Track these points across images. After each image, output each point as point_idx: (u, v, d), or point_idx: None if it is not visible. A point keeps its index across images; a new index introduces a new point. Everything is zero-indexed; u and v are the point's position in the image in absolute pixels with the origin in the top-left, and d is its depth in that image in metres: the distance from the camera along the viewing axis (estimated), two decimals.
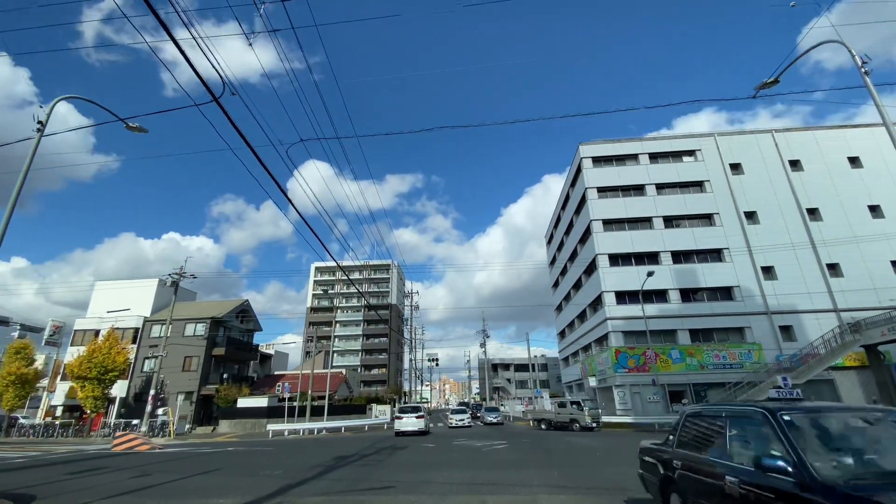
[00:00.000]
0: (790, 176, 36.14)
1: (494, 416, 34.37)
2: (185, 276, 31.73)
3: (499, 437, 18.70)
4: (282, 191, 7.65)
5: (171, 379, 34.10)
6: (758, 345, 31.50)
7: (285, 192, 7.86)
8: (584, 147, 39.12)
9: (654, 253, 34.97)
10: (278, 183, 7.38)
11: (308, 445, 17.86)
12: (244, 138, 6.21)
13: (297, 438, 25.26)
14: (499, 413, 35.89)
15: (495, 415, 34.68)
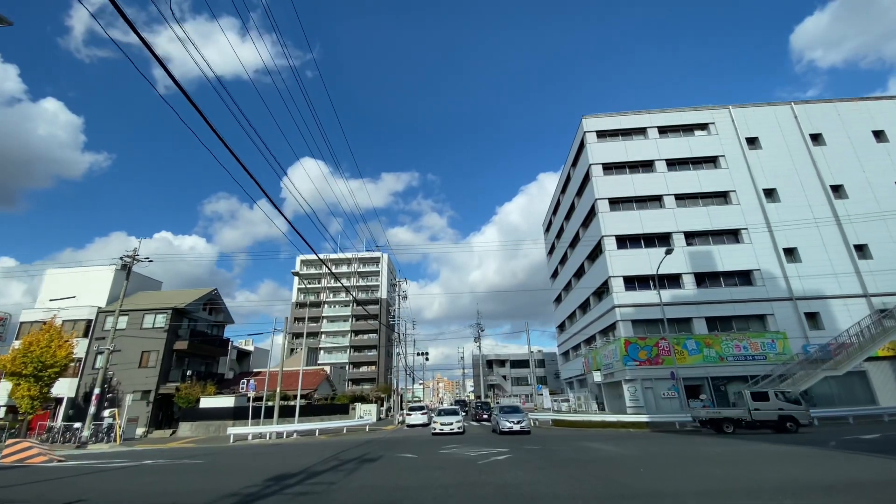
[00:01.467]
0: (811, 150, 33.12)
1: (516, 419, 20.25)
2: (140, 259, 27.87)
3: (496, 443, 15.21)
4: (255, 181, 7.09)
5: (126, 376, 30.22)
6: (782, 333, 28.37)
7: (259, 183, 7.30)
8: (587, 120, 35.77)
9: (665, 234, 31.71)
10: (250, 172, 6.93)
11: (256, 455, 14.24)
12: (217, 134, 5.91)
13: (261, 444, 21.67)
14: (523, 415, 21.26)
15: (517, 417, 20.42)
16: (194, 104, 5.71)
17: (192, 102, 5.69)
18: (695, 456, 10.15)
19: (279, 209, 8.37)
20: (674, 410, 26.98)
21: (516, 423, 19.94)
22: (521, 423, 20.02)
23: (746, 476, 7.22)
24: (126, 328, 31.62)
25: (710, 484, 6.88)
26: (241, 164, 6.89)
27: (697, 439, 15.25)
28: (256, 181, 7.16)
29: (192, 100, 5.64)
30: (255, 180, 7.11)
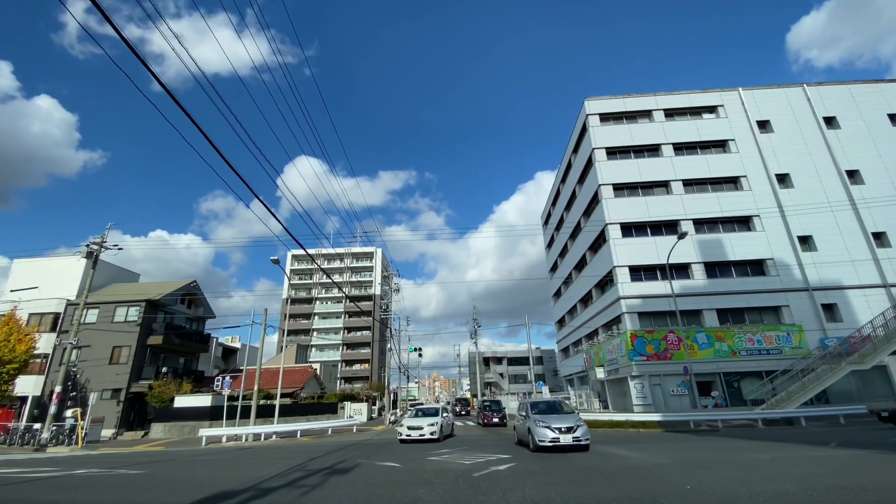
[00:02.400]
0: (826, 134, 31.41)
1: (565, 423, 11.43)
2: (108, 247, 25.69)
3: (496, 447, 13.26)
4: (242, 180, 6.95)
5: (95, 373, 28.03)
6: (798, 326, 26.63)
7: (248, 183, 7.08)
8: (589, 102, 33.86)
9: (673, 221, 29.90)
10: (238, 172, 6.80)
11: (213, 462, 12.23)
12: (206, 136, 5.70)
13: (235, 447, 19.63)
14: (575, 418, 12.11)
15: (567, 422, 11.56)
16: (180, 105, 5.40)
17: (179, 103, 5.37)
18: (742, 463, 8.26)
19: (266, 205, 7.89)
20: (684, 408, 25.20)
21: (566, 430, 11.03)
22: (574, 431, 11.09)
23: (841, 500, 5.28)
24: (96, 322, 29.42)
25: None
26: (229, 164, 6.58)
27: (727, 442, 13.38)
28: (244, 180, 7.00)
29: (178, 101, 5.34)
30: (242, 179, 6.93)
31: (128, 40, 4.80)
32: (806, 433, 16.04)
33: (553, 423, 11.26)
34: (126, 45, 4.79)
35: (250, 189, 7.25)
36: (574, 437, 10.92)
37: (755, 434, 16.42)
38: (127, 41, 4.77)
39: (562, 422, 11.39)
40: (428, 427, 15.54)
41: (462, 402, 52.04)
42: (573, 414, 12.67)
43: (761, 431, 17.57)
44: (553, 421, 11.48)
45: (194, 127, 5.63)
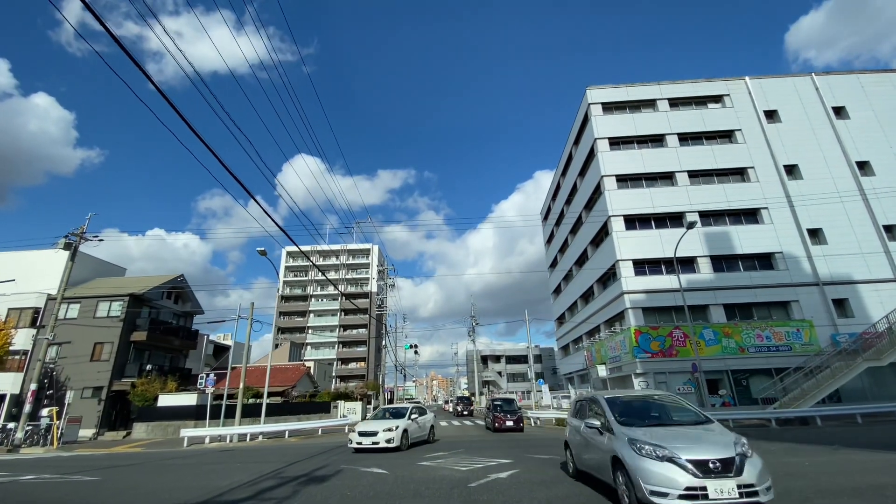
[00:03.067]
0: (835, 124, 30.40)
1: (721, 456, 4.81)
2: (88, 238, 24.43)
3: (494, 449, 12.17)
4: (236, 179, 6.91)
5: (76, 371, 26.81)
6: (808, 322, 25.64)
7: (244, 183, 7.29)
8: (592, 91, 32.76)
9: (678, 213, 28.87)
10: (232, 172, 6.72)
11: (182, 467, 11.11)
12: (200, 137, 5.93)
13: (219, 448, 18.50)
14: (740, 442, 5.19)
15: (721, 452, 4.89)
16: (176, 109, 5.37)
17: (174, 107, 5.34)
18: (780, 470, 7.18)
19: (262, 205, 8.19)
20: None
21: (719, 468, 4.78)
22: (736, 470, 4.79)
23: None
24: (77, 317, 28.20)
25: None
26: (226, 167, 6.59)
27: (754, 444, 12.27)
28: (240, 181, 7.05)
29: (173, 104, 5.30)
30: (238, 181, 7.05)
31: (122, 43, 4.67)
32: (827, 433, 15.01)
33: (685, 453, 4.97)
34: (120, 47, 4.63)
35: (246, 190, 7.37)
36: (741, 486, 4.71)
37: (772, 434, 15.38)
38: (121, 44, 4.62)
39: (704, 449, 5.06)
40: (384, 433, 12.38)
41: (463, 400, 43.27)
42: (718, 428, 5.92)
43: (777, 432, 16.55)
44: (682, 445, 5.14)
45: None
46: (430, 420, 15.51)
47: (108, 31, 4.49)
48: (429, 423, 15.28)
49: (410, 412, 14.16)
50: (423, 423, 14.84)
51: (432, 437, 15.38)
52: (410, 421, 13.75)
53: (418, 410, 15.06)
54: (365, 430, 12.82)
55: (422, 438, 14.53)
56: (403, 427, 12.97)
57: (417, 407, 15.43)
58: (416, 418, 14.25)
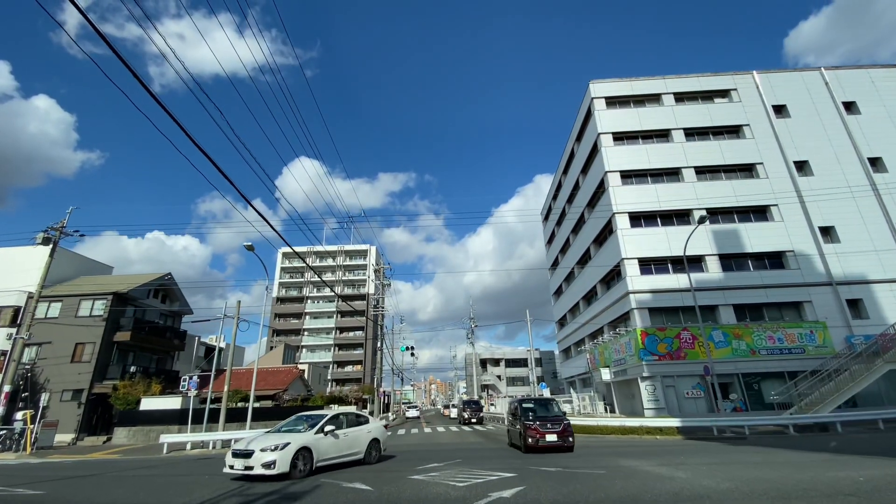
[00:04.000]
0: (846, 120, 29.48)
1: None
2: (68, 233, 23.31)
3: (496, 461, 11.01)
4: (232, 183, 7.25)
5: (56, 372, 25.59)
6: (821, 323, 24.56)
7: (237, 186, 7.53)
8: (595, 85, 31.81)
9: (685, 211, 27.84)
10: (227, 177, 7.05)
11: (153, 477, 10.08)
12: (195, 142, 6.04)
13: (200, 455, 17.36)
14: None
15: None
16: (173, 117, 5.51)
17: (171, 115, 5.46)
18: (834, 488, 6.10)
19: (259, 212, 8.53)
20: (700, 412, 23.09)
21: None
22: None
23: None
24: (59, 316, 27.00)
25: None
26: (223, 173, 6.85)
27: (774, 454, 11.23)
28: (238, 188, 7.37)
29: (170, 113, 5.41)
30: (236, 187, 7.33)
31: (121, 51, 4.89)
32: (854, 441, 13.90)
33: None
34: (118, 57, 4.75)
35: (242, 196, 7.50)
36: None
37: (794, 442, 14.25)
38: (119, 54, 4.74)
39: None
40: (261, 453, 8.62)
41: (471, 405, 33.08)
42: None
43: (797, 439, 15.41)
44: None
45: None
46: (370, 433, 11.28)
47: (106, 41, 4.45)
48: (367, 437, 11.09)
49: (325, 423, 10.09)
50: (353, 438, 10.69)
51: (374, 455, 11.18)
52: (321, 435, 9.75)
53: (346, 420, 11.03)
54: (240, 448, 8.99)
55: (349, 459, 10.45)
56: (298, 445, 9.02)
57: (349, 414, 11.60)
58: (334, 431, 10.16)
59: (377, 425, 11.90)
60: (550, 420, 12.75)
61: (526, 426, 12.56)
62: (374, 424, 11.85)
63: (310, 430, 9.79)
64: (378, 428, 11.81)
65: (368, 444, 11.06)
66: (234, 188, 7.36)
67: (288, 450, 8.77)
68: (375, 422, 12.14)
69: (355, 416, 11.76)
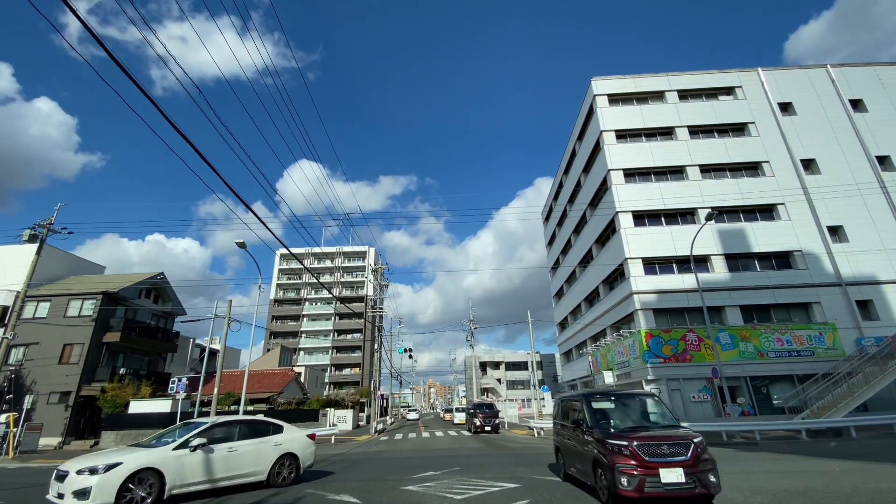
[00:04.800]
0: (853, 117, 28.90)
1: None
2: (56, 230, 22.61)
3: (496, 467, 10.32)
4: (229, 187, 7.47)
5: (43, 374, 24.85)
6: (831, 325, 23.88)
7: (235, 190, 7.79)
8: (597, 82, 31.26)
9: (689, 209, 27.19)
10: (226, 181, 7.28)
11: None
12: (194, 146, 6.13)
13: None
14: None
15: None
16: (172, 123, 5.64)
17: (171, 121, 5.61)
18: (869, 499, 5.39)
19: (257, 215, 9.15)
20: (706, 416, 22.38)
21: None
22: None
23: None
24: (47, 316, 26.29)
25: None
26: (222, 178, 7.04)
27: (792, 461, 10.56)
28: (236, 192, 7.67)
29: (170, 119, 5.58)
30: (234, 192, 7.60)
31: (121, 55, 5.28)
32: (873, 447, 13.20)
33: None
34: (117, 64, 4.81)
35: (241, 200, 7.87)
36: None
37: (809, 448, 13.54)
38: (118, 61, 4.80)
39: None
40: (75, 477, 6.50)
41: (484, 409, 26.42)
42: None
43: (811, 445, 14.72)
44: None
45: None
46: (279, 445, 8.77)
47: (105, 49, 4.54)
48: (272, 452, 8.62)
49: (194, 434, 7.69)
50: (247, 453, 8.23)
51: (286, 476, 8.69)
52: (184, 451, 7.36)
53: (238, 430, 8.52)
54: (64, 468, 6.80)
55: (239, 482, 8.04)
56: (137, 466, 6.76)
57: (246, 422, 9.00)
58: (206, 445, 7.67)
59: (294, 436, 9.27)
60: (665, 439, 6.18)
61: (611, 449, 6.20)
62: (290, 434, 9.20)
63: (167, 445, 7.39)
64: (296, 439, 9.20)
65: (276, 461, 8.56)
66: (232, 192, 7.40)
67: (115, 473, 6.38)
68: (293, 431, 9.45)
69: (256, 424, 9.14)
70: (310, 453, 9.36)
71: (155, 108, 5.33)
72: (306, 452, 9.22)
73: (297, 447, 9.06)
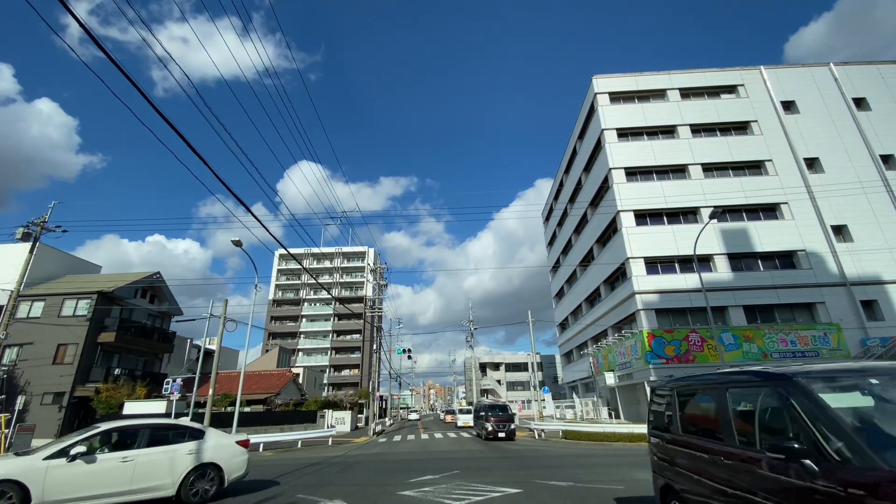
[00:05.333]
0: (856, 116, 28.64)
1: None
2: (50, 228, 22.28)
3: (495, 470, 10.00)
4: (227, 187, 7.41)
5: (37, 374, 24.48)
6: (835, 325, 23.57)
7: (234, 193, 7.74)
8: (598, 80, 31.00)
9: (692, 209, 26.96)
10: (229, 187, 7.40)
11: None
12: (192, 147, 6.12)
13: None
14: None
15: None
16: (172, 125, 5.61)
17: (170, 123, 5.56)
18: None
19: (257, 217, 8.62)
20: None
21: None
22: None
23: None
24: (42, 316, 25.94)
25: None
26: (221, 180, 7.10)
27: None
28: (236, 195, 7.60)
29: (170, 121, 5.52)
30: (234, 194, 7.58)
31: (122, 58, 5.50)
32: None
33: None
34: (117, 67, 4.87)
35: (241, 202, 7.65)
36: None
37: None
38: (118, 64, 4.84)
39: None
40: None
41: (496, 411, 20.93)
42: None
43: None
44: None
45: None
46: (192, 454, 7.47)
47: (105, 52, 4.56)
48: (184, 461, 7.35)
49: (78, 441, 6.73)
50: (148, 464, 7.02)
51: (204, 490, 7.40)
52: (60, 461, 6.39)
53: (140, 435, 7.29)
54: None
55: (136, 497, 6.84)
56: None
57: (150, 427, 7.58)
58: (89, 455, 6.67)
59: (218, 443, 7.89)
60: None
61: None
62: (213, 441, 7.83)
63: (38, 453, 6.45)
64: (220, 447, 7.84)
65: (190, 472, 7.25)
66: (231, 193, 7.37)
67: None
68: (218, 437, 8.06)
69: (166, 429, 7.81)
70: (238, 463, 7.96)
71: (156, 115, 5.21)
72: (233, 462, 7.85)
73: (219, 456, 7.73)
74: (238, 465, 7.96)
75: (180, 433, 7.74)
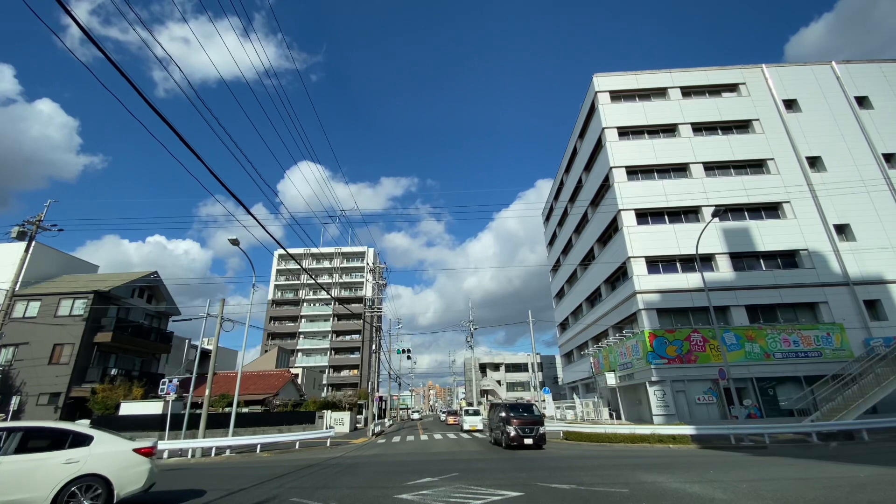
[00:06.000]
0: (858, 114, 28.45)
1: None
2: (46, 227, 22.06)
3: (496, 473, 9.80)
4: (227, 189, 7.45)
5: (33, 375, 24.26)
6: (838, 325, 23.36)
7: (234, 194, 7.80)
8: (599, 78, 30.80)
9: (693, 208, 26.76)
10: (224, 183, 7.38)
11: None
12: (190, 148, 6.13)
13: (177, 463, 16.06)
14: None
15: None
16: (172, 127, 5.57)
17: (169, 124, 5.53)
18: None
19: (257, 218, 8.80)
20: (711, 418, 21.85)
21: None
22: None
23: None
24: (37, 316, 25.72)
25: None
26: (220, 180, 7.18)
27: (813, 467, 10.05)
28: (236, 196, 7.66)
29: (169, 123, 5.49)
30: (234, 195, 7.60)
31: (117, 64, 4.90)
32: (891, 449, 12.65)
33: None
34: (116, 69, 4.86)
35: (240, 202, 7.78)
36: None
37: (823, 452, 13.00)
38: (118, 66, 4.85)
39: None
40: None
41: (521, 412, 17.25)
42: None
43: (824, 448, 14.16)
44: None
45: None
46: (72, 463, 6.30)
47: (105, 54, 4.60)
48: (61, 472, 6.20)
49: None
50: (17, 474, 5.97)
51: None
52: None
53: (4, 440, 6.19)
54: None
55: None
56: None
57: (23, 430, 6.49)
58: None
59: (106, 450, 6.66)
60: None
61: None
62: (100, 449, 6.61)
63: None
64: (108, 455, 6.61)
65: (66, 485, 6.11)
66: (231, 194, 7.48)
67: None
68: (108, 443, 6.78)
69: (38, 433, 6.60)
70: (135, 474, 6.67)
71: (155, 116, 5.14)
72: (127, 473, 6.59)
73: (107, 466, 6.45)
74: (134, 477, 6.63)
75: (60, 438, 6.47)
